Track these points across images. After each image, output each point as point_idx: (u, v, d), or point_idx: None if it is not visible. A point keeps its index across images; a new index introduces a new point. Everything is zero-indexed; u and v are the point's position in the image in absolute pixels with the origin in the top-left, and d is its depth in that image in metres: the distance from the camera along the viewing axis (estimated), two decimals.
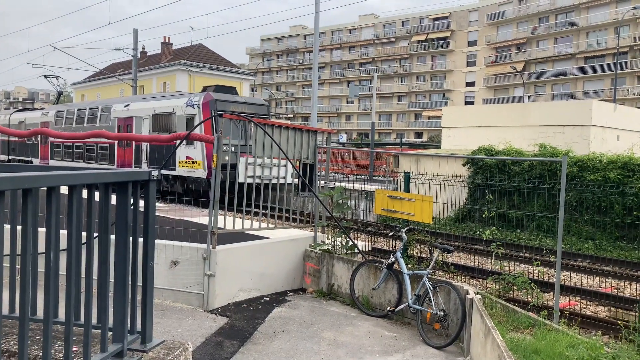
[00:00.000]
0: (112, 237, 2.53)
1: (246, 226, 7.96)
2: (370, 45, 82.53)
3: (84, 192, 2.27)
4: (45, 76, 32.44)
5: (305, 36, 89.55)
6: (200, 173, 19.37)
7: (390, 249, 11.84)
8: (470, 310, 6.07)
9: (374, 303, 7.43)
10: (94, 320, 2.40)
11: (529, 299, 7.95)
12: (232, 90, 21.47)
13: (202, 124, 19.03)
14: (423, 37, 76.44)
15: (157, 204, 8.47)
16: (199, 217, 10.18)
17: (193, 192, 19.58)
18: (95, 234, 2.46)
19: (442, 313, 6.34)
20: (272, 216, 8.74)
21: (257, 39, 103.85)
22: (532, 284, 7.80)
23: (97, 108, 25.71)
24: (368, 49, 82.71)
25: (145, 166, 21.83)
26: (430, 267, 6.81)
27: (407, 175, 8.51)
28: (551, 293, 9.29)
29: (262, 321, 6.80)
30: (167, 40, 49.95)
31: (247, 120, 7.82)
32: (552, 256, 6.69)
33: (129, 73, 40.03)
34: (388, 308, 7.07)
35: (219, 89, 21.01)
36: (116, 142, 23.84)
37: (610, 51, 56.98)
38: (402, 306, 6.91)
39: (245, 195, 8.01)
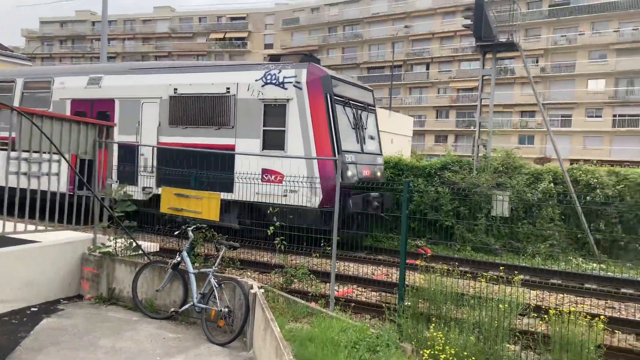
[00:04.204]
0: None
1: (9, 229, 7.03)
2: (167, 38, 79.88)
3: None
4: None
5: (93, 22, 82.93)
6: None
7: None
8: (253, 305, 6.20)
9: (158, 305, 7.16)
10: None
11: (309, 290, 8.42)
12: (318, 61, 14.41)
13: (310, 113, 12.69)
14: (221, 36, 76.49)
15: None
16: None
17: None
18: None
19: (226, 310, 6.37)
20: (44, 217, 7.86)
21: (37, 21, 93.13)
22: (312, 275, 8.29)
23: (11, 82, 16.70)
24: (164, 42, 79.91)
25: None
26: (216, 264, 6.80)
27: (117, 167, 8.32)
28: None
29: (27, 335, 6.07)
30: None
31: (9, 109, 6.89)
32: (329, 248, 7.18)
33: None
34: (172, 309, 6.88)
35: (307, 59, 13.83)
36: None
37: (388, 63, 63.60)
38: (187, 306, 6.78)
39: (7, 193, 7.06)
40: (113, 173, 9.13)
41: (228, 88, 13.61)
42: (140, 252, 8.16)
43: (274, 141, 13.10)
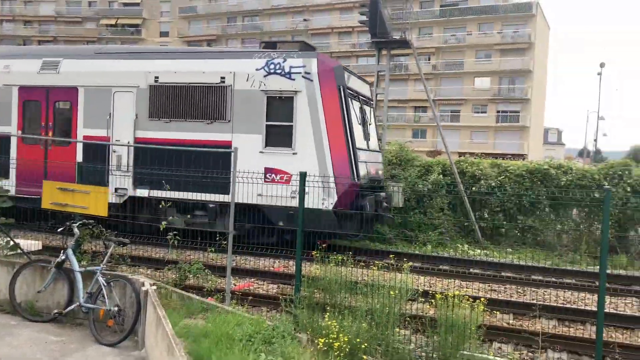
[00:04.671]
0: None
1: None
2: (52, 22, 74.45)
3: None
4: None
5: None
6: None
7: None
8: (145, 303, 5.98)
9: (40, 307, 6.69)
10: None
11: (206, 285, 8.27)
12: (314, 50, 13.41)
13: (323, 107, 11.72)
14: (113, 22, 72.61)
15: None
16: None
17: None
18: None
19: (116, 309, 6.09)
20: None
21: None
22: (207, 270, 8.14)
23: None
24: (49, 26, 74.42)
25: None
26: (104, 262, 6.48)
27: (79, 165, 7.89)
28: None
29: None
30: None
31: None
32: (225, 242, 7.09)
33: None
34: (56, 310, 6.46)
35: (306, 47, 12.98)
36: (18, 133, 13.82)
37: None
38: (73, 306, 6.40)
39: None
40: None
41: (223, 77, 12.37)
42: (19, 251, 7.57)
43: (279, 137, 12.05)
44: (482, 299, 6.20)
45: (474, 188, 15.88)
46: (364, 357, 5.60)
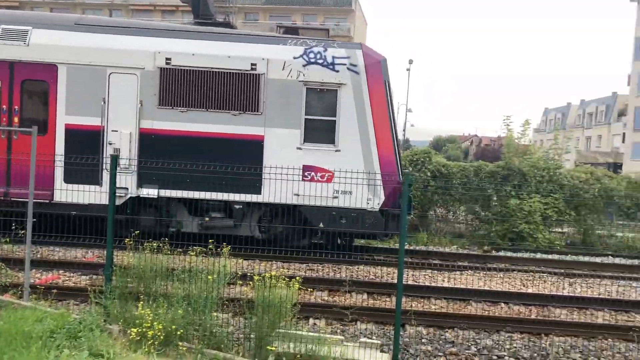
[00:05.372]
0: None
1: None
2: None
3: None
4: None
5: None
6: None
7: None
8: None
9: None
10: None
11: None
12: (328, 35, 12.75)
13: (370, 102, 11.08)
14: None
15: None
16: None
17: None
18: None
19: None
20: None
21: None
22: (2, 264, 7.30)
23: None
24: None
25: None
26: None
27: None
28: (33, 270, 8.99)
29: None
30: None
31: None
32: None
33: None
34: None
35: (325, 34, 12.82)
36: None
37: None
38: None
39: None
40: None
41: (254, 64, 11.20)
42: None
43: (319, 133, 11.29)
44: (297, 278, 6.45)
45: None
46: (180, 343, 5.49)
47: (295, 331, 6.05)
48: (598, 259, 13.70)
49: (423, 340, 7.22)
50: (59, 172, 11.01)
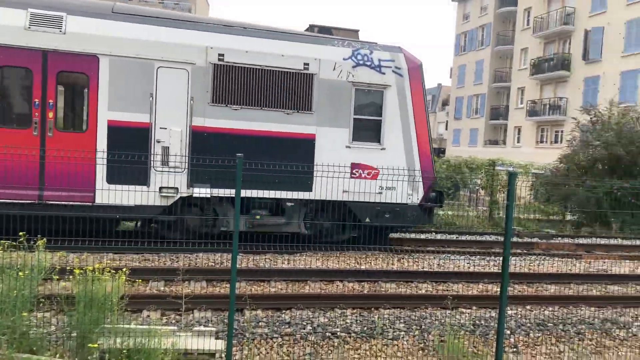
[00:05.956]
0: None
1: None
2: None
3: None
4: None
5: None
6: None
7: None
8: None
9: None
10: None
11: None
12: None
13: (412, 103, 11.85)
14: None
15: None
16: None
17: None
18: None
19: None
20: None
21: None
22: None
23: None
24: None
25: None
26: None
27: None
28: None
29: None
30: None
31: None
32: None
33: None
34: None
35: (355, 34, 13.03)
36: None
37: None
38: None
39: None
40: None
41: (306, 64, 11.24)
42: None
43: (366, 132, 11.71)
44: (124, 270, 6.06)
45: None
46: None
47: (123, 325, 5.69)
48: (423, 235, 14.93)
49: (260, 324, 7.25)
50: (100, 172, 10.19)
